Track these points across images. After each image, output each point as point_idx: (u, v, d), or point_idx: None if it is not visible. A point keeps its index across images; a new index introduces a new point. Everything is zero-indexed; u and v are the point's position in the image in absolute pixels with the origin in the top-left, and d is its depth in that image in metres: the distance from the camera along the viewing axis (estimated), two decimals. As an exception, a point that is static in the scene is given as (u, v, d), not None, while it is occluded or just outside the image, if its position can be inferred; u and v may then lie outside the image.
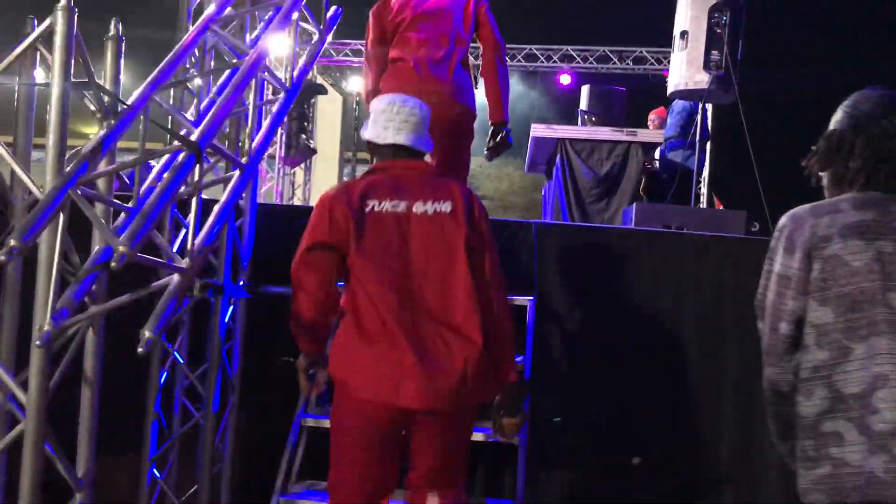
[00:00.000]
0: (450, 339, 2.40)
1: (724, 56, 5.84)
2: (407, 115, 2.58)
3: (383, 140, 2.59)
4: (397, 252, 2.45)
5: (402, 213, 2.48)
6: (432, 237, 2.48)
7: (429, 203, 2.50)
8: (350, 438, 2.45)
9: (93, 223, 2.22)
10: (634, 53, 10.87)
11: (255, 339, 3.78)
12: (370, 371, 2.38)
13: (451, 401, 2.37)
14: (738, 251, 3.78)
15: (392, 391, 2.34)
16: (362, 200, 2.48)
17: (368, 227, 2.46)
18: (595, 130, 6.48)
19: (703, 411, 3.69)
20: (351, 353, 2.44)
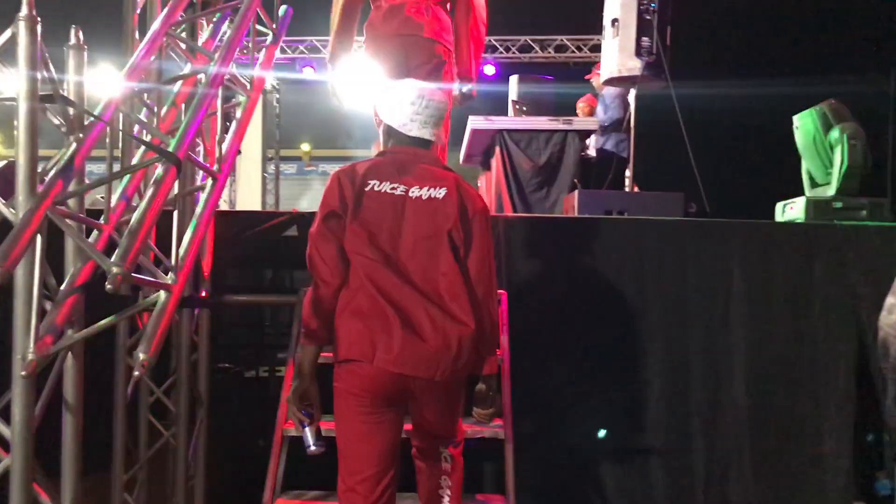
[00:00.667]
0: (440, 319, 2.43)
1: (654, 42, 5.97)
2: (434, 109, 2.63)
3: (407, 131, 2.62)
4: (390, 232, 2.49)
5: (398, 195, 2.52)
6: (423, 221, 2.51)
7: (425, 188, 2.54)
8: (353, 401, 2.48)
9: (75, 243, 2.11)
10: (556, 42, 11.01)
11: (219, 350, 3.70)
12: (364, 338, 2.41)
13: (444, 372, 2.42)
14: (696, 233, 3.87)
15: (386, 357, 2.38)
16: (364, 179, 2.53)
17: (366, 205, 2.49)
18: (533, 120, 6.50)
19: (671, 392, 3.77)
20: (345, 323, 2.45)
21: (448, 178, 2.58)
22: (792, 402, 3.75)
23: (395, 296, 2.42)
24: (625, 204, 5.25)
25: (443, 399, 2.55)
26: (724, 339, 3.76)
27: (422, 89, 2.65)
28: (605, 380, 3.76)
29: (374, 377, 2.42)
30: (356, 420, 2.49)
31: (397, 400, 2.50)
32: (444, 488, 2.74)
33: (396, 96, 2.65)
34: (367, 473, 2.47)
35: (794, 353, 3.76)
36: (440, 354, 2.40)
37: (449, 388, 2.51)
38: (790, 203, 4.25)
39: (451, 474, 2.75)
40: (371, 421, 2.48)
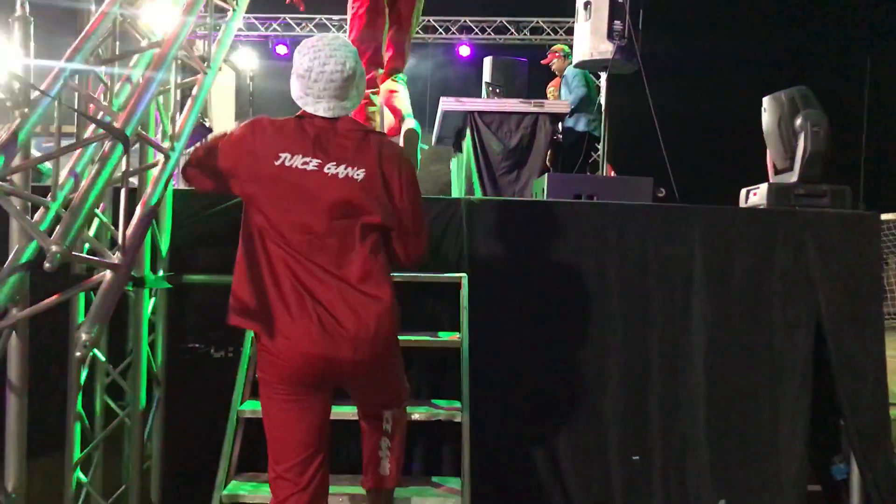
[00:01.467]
0: (355, 300, 2.39)
1: (626, 25, 5.96)
2: (326, 81, 2.44)
3: (304, 106, 2.50)
4: (302, 212, 2.40)
5: (311, 171, 2.40)
6: (338, 201, 2.41)
7: (342, 167, 2.42)
8: (272, 390, 2.47)
9: (16, 220, 2.06)
10: (531, 23, 10.96)
11: (177, 330, 3.66)
12: (279, 327, 2.37)
13: (366, 353, 2.40)
14: (658, 218, 3.87)
15: (305, 343, 2.35)
16: (275, 151, 2.41)
17: (277, 182, 2.39)
18: (504, 102, 6.48)
19: (631, 377, 3.79)
20: (260, 311, 2.40)
21: (368, 152, 2.47)
22: (749, 386, 3.77)
23: (310, 283, 2.37)
24: (595, 188, 5.23)
25: (375, 374, 2.56)
26: (683, 323, 3.78)
27: (310, 60, 2.44)
28: (564, 364, 3.75)
29: (291, 365, 2.39)
30: (277, 408, 2.48)
31: (322, 384, 2.49)
32: (384, 449, 2.77)
33: (293, 69, 2.50)
34: (294, 461, 2.46)
35: (752, 338, 3.78)
36: (360, 336, 2.37)
37: (377, 364, 2.50)
38: (754, 189, 4.27)
39: (391, 436, 2.76)
40: (293, 408, 2.46)
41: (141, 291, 3.30)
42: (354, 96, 2.53)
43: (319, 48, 2.45)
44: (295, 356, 2.37)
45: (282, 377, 2.43)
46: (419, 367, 3.65)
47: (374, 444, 2.79)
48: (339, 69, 2.43)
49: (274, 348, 2.40)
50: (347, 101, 2.51)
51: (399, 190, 2.52)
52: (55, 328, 3.16)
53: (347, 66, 2.45)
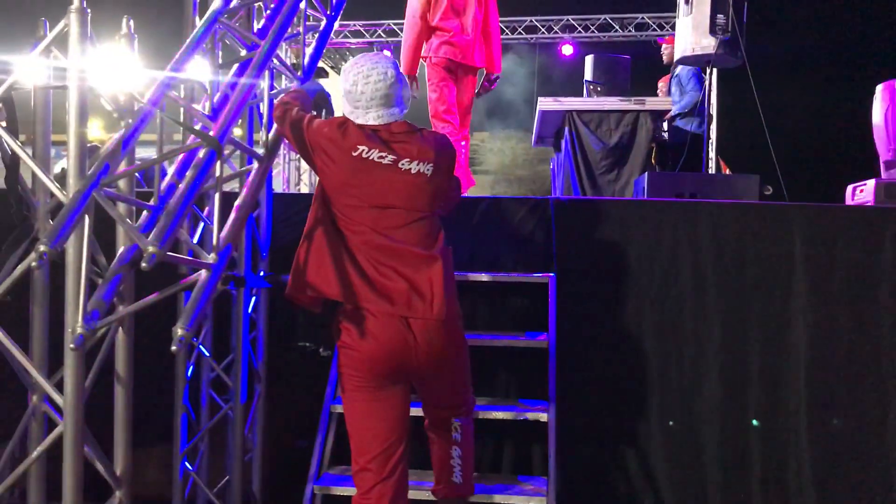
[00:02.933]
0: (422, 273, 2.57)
1: (730, 19, 5.79)
2: (372, 92, 2.62)
3: (355, 119, 2.67)
4: (380, 202, 2.59)
5: (387, 165, 2.59)
6: (413, 195, 2.62)
7: (414, 162, 2.62)
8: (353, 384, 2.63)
9: (118, 224, 2.22)
10: (636, 20, 10.77)
11: (278, 328, 3.81)
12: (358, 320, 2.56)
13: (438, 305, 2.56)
14: (756, 216, 3.76)
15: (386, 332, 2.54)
16: (353, 142, 2.60)
17: (356, 171, 2.58)
18: (602, 101, 6.43)
19: (729, 379, 3.69)
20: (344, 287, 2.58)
21: (428, 148, 2.65)
22: (855, 388, 3.60)
23: (383, 264, 2.56)
24: (697, 187, 5.12)
25: (444, 367, 2.67)
26: (784, 323, 3.64)
27: (356, 74, 2.64)
28: (656, 364, 3.69)
29: (370, 355, 2.54)
30: (358, 400, 2.61)
31: (397, 376, 2.60)
32: (455, 458, 2.86)
33: (341, 86, 2.71)
34: (376, 451, 2.59)
35: (857, 339, 3.61)
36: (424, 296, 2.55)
37: (449, 350, 2.62)
38: (860, 185, 4.07)
39: (461, 444, 2.85)
40: (373, 400, 2.60)
41: (241, 291, 3.46)
42: (402, 104, 2.71)
43: (361, 63, 2.67)
44: (374, 346, 2.54)
45: (363, 369, 2.57)
46: (507, 367, 3.67)
47: (444, 453, 2.87)
48: (381, 78, 2.62)
49: (353, 342, 2.56)
50: (395, 107, 2.68)
51: (449, 173, 2.76)
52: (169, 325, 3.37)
53: (389, 74, 2.64)
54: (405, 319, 2.54)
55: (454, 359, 2.70)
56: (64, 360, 2.30)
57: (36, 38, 2.50)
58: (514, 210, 3.81)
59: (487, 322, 3.72)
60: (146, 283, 2.45)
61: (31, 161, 2.41)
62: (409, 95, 2.77)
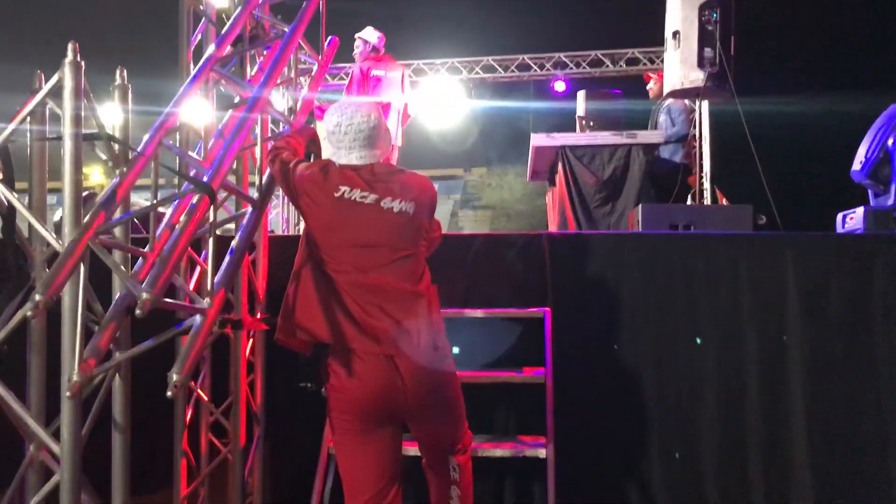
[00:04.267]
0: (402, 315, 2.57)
1: (717, 52, 5.88)
2: (355, 133, 2.69)
3: (338, 160, 2.73)
4: (363, 242, 2.61)
5: (369, 205, 2.62)
6: (396, 234, 2.64)
7: (396, 201, 2.65)
8: (344, 427, 2.63)
9: (113, 271, 2.24)
10: (627, 55, 10.89)
11: (278, 369, 3.81)
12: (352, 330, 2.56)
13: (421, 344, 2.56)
14: (747, 247, 3.79)
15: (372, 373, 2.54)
16: (335, 183, 2.64)
17: (338, 211, 2.61)
18: (594, 135, 6.47)
19: (727, 409, 3.68)
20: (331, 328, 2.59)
21: (412, 188, 2.70)
22: (853, 416, 3.60)
23: (366, 305, 2.56)
24: (691, 217, 5.15)
25: (435, 407, 2.65)
26: (779, 352, 3.66)
27: (339, 116, 2.71)
28: (654, 396, 3.70)
29: (357, 397, 2.54)
30: (350, 443, 2.61)
31: (386, 418, 2.59)
32: (454, 498, 2.82)
33: (324, 129, 2.77)
34: (369, 494, 2.59)
35: (854, 368, 3.61)
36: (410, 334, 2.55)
37: (438, 388, 2.62)
38: (850, 213, 4.11)
39: (459, 484, 2.82)
40: (365, 442, 2.59)
41: (239, 333, 3.47)
42: (383, 146, 2.77)
43: (345, 106, 2.75)
44: (362, 388, 2.53)
45: (352, 412, 2.57)
46: (506, 404, 3.68)
47: (443, 493, 2.83)
48: (364, 120, 2.70)
49: (341, 385, 2.56)
50: (377, 149, 2.75)
51: (430, 212, 2.79)
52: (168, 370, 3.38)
53: (372, 116, 2.72)
54: (392, 360, 2.53)
55: (445, 398, 2.69)
56: (61, 408, 2.31)
57: (32, 89, 2.55)
58: (509, 246, 3.84)
59: (484, 358, 3.73)
60: (144, 329, 2.46)
61: (27, 211, 2.44)
62: (391, 138, 2.83)
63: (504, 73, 11.43)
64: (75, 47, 2.36)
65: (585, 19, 11.06)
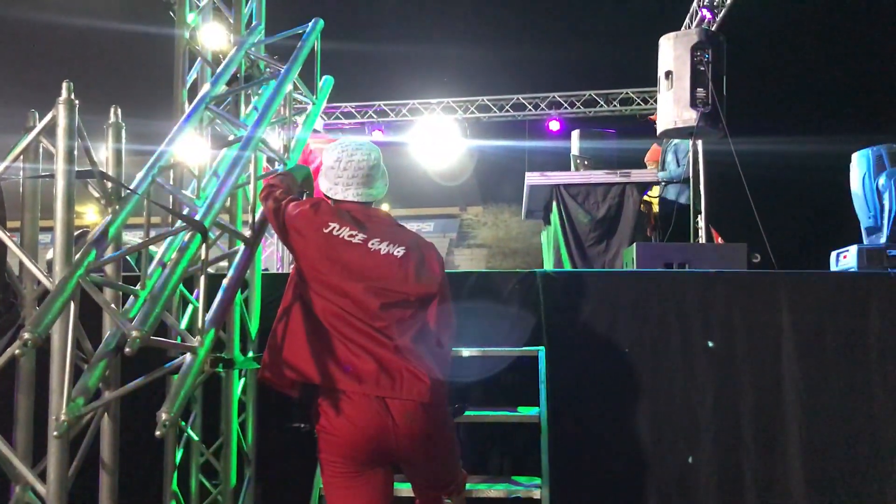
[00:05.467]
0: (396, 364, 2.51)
1: (709, 92, 5.94)
2: (354, 169, 2.71)
3: (334, 195, 2.74)
4: (345, 276, 2.57)
5: (357, 244, 2.61)
6: (380, 273, 2.59)
7: (384, 244, 2.63)
8: (334, 469, 2.58)
9: (104, 309, 2.23)
10: (620, 95, 11.02)
11: (268, 410, 3.77)
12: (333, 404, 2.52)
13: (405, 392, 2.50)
14: (742, 285, 3.78)
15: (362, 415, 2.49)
16: (324, 219, 2.63)
17: (327, 247, 2.59)
18: (589, 174, 6.54)
19: (723, 446, 3.65)
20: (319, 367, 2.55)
21: (404, 234, 2.70)
22: (850, 455, 3.57)
23: (353, 346, 2.52)
24: (686, 256, 5.16)
25: (429, 450, 2.60)
26: (775, 390, 3.64)
27: (340, 152, 2.73)
28: (649, 435, 3.66)
29: (349, 440, 2.49)
30: (340, 486, 2.56)
31: (377, 460, 2.55)
32: None
33: (323, 164, 2.77)
34: None
35: (850, 406, 3.59)
36: (394, 378, 2.50)
37: (431, 430, 2.56)
38: (844, 251, 4.12)
39: None
40: (354, 485, 2.54)
41: (230, 372, 3.44)
42: (380, 186, 2.77)
43: (346, 143, 2.76)
44: (352, 430, 2.48)
45: (342, 454, 2.52)
46: (500, 443, 3.64)
47: None
48: (365, 158, 2.72)
49: (331, 426, 2.51)
50: (374, 189, 2.75)
51: (437, 266, 2.73)
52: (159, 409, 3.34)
53: (372, 156, 2.75)
54: (383, 401, 2.49)
55: (438, 440, 2.63)
56: (48, 448, 2.28)
57: (26, 128, 2.56)
58: (503, 284, 3.83)
59: (479, 397, 3.70)
60: (137, 368, 2.44)
61: (18, 249, 2.43)
62: (387, 182, 2.83)
63: (499, 113, 11.54)
64: (69, 86, 2.37)
65: (579, 60, 11.19)
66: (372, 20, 12.19)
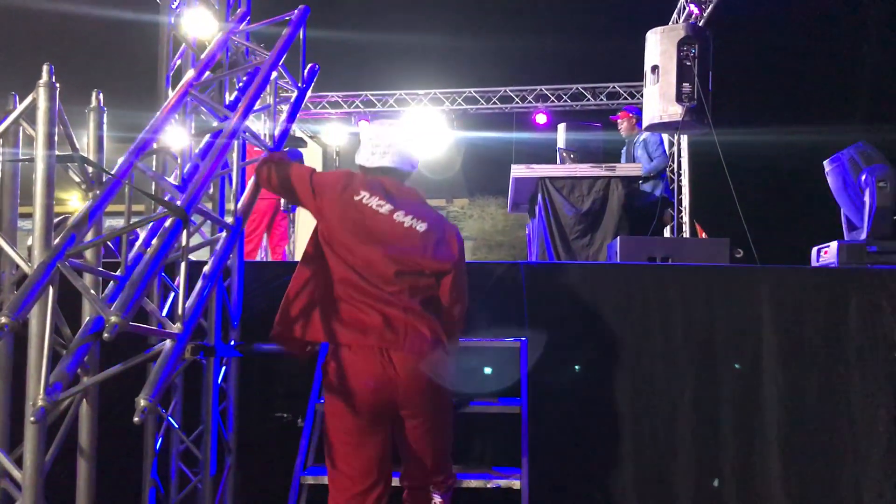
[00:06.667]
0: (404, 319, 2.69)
1: (695, 87, 5.96)
2: (391, 139, 2.90)
3: (370, 164, 2.89)
4: (369, 243, 2.74)
5: (383, 214, 2.78)
6: (400, 244, 2.76)
7: (409, 217, 2.81)
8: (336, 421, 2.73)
9: (83, 294, 2.21)
10: (607, 89, 11.04)
11: (249, 399, 3.76)
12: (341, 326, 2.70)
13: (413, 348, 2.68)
14: (723, 279, 3.80)
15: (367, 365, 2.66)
16: (355, 188, 2.81)
17: (351, 213, 2.76)
18: (574, 167, 6.52)
19: (702, 440, 3.68)
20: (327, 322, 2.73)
21: (430, 212, 2.87)
22: (828, 449, 3.60)
23: (367, 308, 2.68)
24: (669, 250, 5.18)
25: (427, 407, 2.73)
26: (755, 384, 3.66)
27: (379, 125, 2.97)
28: (629, 428, 3.68)
29: (353, 391, 2.63)
30: (340, 442, 2.69)
31: (380, 411, 2.68)
32: None
33: (361, 141, 2.97)
34: (356, 490, 2.68)
35: (829, 398, 3.62)
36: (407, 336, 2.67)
37: (431, 386, 2.70)
38: (825, 247, 4.15)
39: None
40: (355, 438, 2.68)
41: (211, 360, 3.43)
42: (413, 161, 2.98)
43: (387, 122, 3.05)
44: (356, 381, 2.63)
45: (347, 408, 2.65)
46: (481, 434, 3.65)
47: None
48: (400, 132, 2.95)
49: (337, 381, 2.66)
50: (405, 165, 2.93)
51: (455, 247, 2.90)
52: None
53: (407, 131, 2.97)
54: (387, 353, 2.63)
55: (438, 404, 2.76)
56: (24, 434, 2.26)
57: (6, 111, 2.53)
58: (486, 275, 3.83)
59: (460, 387, 3.69)
60: (118, 356, 2.43)
61: (-4, 232, 2.41)
62: (418, 162, 3.01)
63: (486, 105, 11.54)
64: (50, 69, 2.34)
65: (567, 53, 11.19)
66: (359, 9, 12.14)
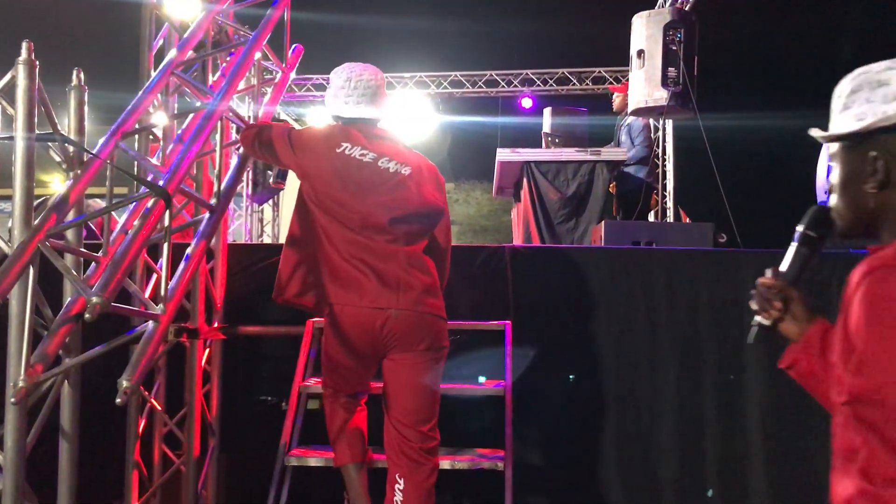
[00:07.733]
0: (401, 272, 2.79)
1: (680, 72, 5.97)
2: (363, 88, 2.89)
3: (345, 114, 2.90)
4: (357, 193, 2.78)
5: (368, 162, 2.81)
6: (387, 190, 2.81)
7: (393, 162, 2.85)
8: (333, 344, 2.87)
9: (64, 275, 2.19)
10: (593, 74, 11.02)
11: (233, 381, 3.75)
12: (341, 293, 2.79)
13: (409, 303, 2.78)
14: (707, 263, 3.82)
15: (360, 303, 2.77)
16: (337, 140, 2.83)
17: (337, 165, 2.79)
18: (559, 152, 6.51)
19: (686, 422, 3.70)
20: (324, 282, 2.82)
21: (411, 155, 2.93)
22: (811, 431, 3.64)
23: (361, 255, 2.76)
24: (653, 235, 5.19)
25: (418, 347, 2.83)
26: (738, 367, 3.69)
27: (349, 72, 2.90)
28: (613, 410, 3.70)
29: (347, 344, 2.76)
30: (340, 355, 2.84)
31: (373, 350, 2.82)
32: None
33: (330, 88, 2.95)
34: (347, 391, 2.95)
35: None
36: (403, 292, 2.77)
37: (421, 337, 2.82)
38: (808, 231, 4.15)
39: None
40: (353, 370, 2.88)
41: (195, 343, 3.41)
42: (386, 106, 2.98)
43: (354, 65, 2.95)
44: (353, 336, 2.76)
45: (344, 350, 2.79)
46: (465, 416, 3.65)
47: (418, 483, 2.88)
48: (372, 78, 2.91)
49: (333, 340, 2.78)
50: (380, 107, 2.93)
51: (437, 185, 3.00)
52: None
53: (379, 76, 2.96)
54: (383, 311, 2.74)
55: (431, 344, 2.86)
56: (4, 416, 2.24)
57: (-16, 90, 2.49)
58: (471, 258, 3.83)
59: (445, 371, 3.70)
60: (100, 337, 2.41)
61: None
62: (390, 106, 3.02)
63: (472, 89, 11.49)
64: (30, 46, 2.30)
65: (553, 37, 11.15)
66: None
